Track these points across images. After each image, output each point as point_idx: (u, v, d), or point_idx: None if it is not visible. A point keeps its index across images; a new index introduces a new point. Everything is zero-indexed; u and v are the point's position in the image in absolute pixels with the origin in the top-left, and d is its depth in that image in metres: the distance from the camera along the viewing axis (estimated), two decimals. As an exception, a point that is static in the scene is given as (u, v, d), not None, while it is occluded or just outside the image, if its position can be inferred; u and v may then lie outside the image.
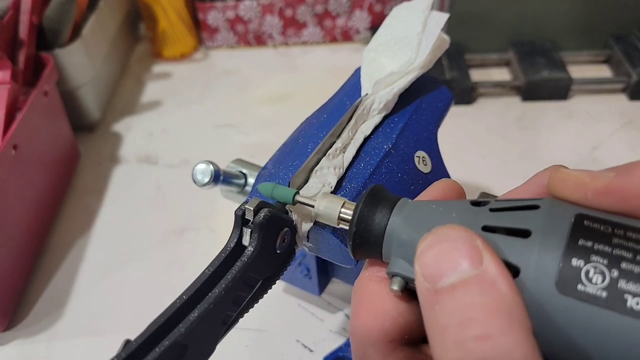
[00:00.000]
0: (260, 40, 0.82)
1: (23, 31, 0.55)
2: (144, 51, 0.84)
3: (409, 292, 0.21)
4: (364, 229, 0.22)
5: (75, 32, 0.63)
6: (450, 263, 0.17)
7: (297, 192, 0.25)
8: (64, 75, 0.62)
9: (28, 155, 0.50)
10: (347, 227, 0.23)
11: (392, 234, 0.21)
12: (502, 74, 0.73)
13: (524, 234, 0.18)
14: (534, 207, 0.19)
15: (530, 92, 0.67)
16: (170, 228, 0.55)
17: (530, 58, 0.69)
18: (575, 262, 0.17)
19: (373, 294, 0.22)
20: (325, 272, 0.42)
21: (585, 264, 0.17)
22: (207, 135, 0.68)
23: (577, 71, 0.70)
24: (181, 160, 0.64)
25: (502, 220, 0.19)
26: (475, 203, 0.20)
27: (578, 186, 0.19)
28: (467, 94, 0.68)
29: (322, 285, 0.43)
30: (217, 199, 0.39)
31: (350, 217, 0.23)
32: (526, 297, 0.17)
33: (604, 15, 0.70)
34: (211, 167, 0.33)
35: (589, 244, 0.17)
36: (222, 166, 0.36)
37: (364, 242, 0.22)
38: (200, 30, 0.83)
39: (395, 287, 0.21)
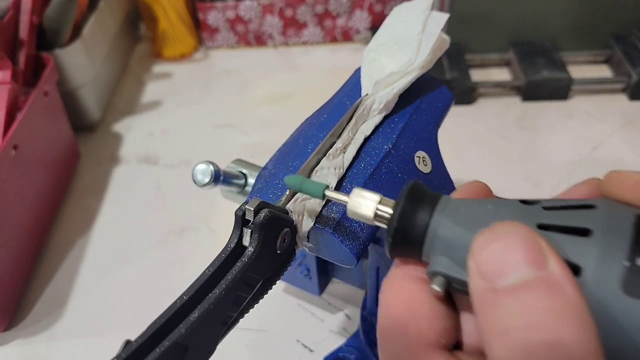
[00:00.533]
0: (260, 40, 0.82)
1: (23, 31, 0.55)
2: (144, 51, 0.84)
3: (447, 293, 0.20)
4: (406, 225, 0.21)
5: (76, 32, 0.63)
6: (511, 262, 0.16)
7: (327, 187, 0.24)
8: (64, 75, 0.62)
9: (28, 156, 0.50)
10: (383, 225, 0.22)
11: (436, 231, 0.20)
12: (502, 74, 0.73)
13: (584, 232, 0.18)
14: (591, 207, 0.18)
15: (531, 92, 0.67)
16: (171, 228, 0.55)
17: (530, 58, 0.69)
18: None
19: (409, 294, 0.21)
20: (325, 272, 0.42)
21: None
22: (207, 135, 0.68)
23: (577, 71, 0.70)
24: (181, 160, 0.64)
25: (558, 219, 0.18)
26: (524, 202, 0.20)
27: (637, 186, 0.18)
28: (468, 94, 0.68)
29: (322, 286, 0.43)
30: (217, 199, 0.39)
31: (387, 214, 0.21)
32: (588, 297, 0.16)
33: (604, 15, 0.70)
34: (211, 167, 0.33)
35: None
36: (222, 166, 0.36)
37: (406, 239, 0.21)
38: (200, 30, 0.83)
39: (437, 287, 0.20)
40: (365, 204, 0.22)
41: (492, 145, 0.62)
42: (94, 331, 0.47)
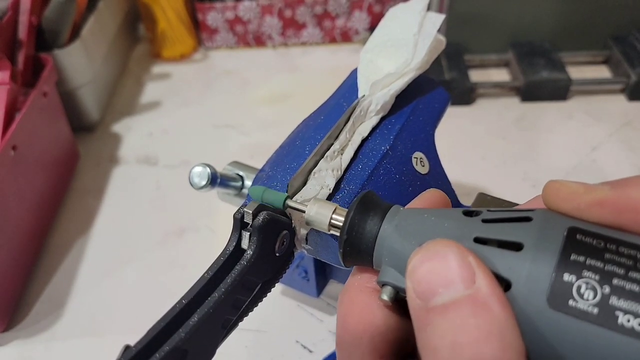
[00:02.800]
0: (259, 40, 0.82)
1: (22, 32, 0.55)
2: (144, 52, 0.84)
3: (398, 302, 0.21)
4: (354, 237, 0.21)
5: (75, 33, 0.63)
6: (442, 281, 0.17)
7: (288, 197, 0.25)
8: (64, 75, 0.62)
9: (27, 156, 0.50)
10: (338, 234, 0.22)
11: (383, 242, 0.21)
12: (501, 75, 0.73)
13: (516, 247, 0.18)
14: (527, 219, 0.19)
15: (530, 92, 0.67)
16: (170, 228, 0.55)
17: (529, 59, 0.69)
18: (567, 277, 0.17)
19: (363, 306, 0.21)
20: (323, 274, 0.42)
21: (577, 279, 0.17)
22: (206, 136, 0.68)
23: (576, 72, 0.70)
24: (181, 160, 0.64)
25: (494, 232, 0.19)
26: (467, 213, 0.20)
27: (572, 196, 0.18)
28: (467, 95, 0.68)
29: (320, 287, 0.43)
30: (216, 199, 0.39)
31: (340, 224, 0.22)
32: (517, 311, 0.17)
33: (602, 16, 0.70)
34: (208, 169, 0.33)
35: (581, 258, 0.17)
36: (220, 168, 0.36)
37: (355, 249, 0.22)
38: (199, 30, 0.83)
39: (385, 297, 0.20)
40: (321, 213, 0.23)
41: (491, 146, 0.62)
42: (94, 332, 0.47)
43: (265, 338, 0.45)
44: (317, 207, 0.23)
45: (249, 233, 0.23)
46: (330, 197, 0.28)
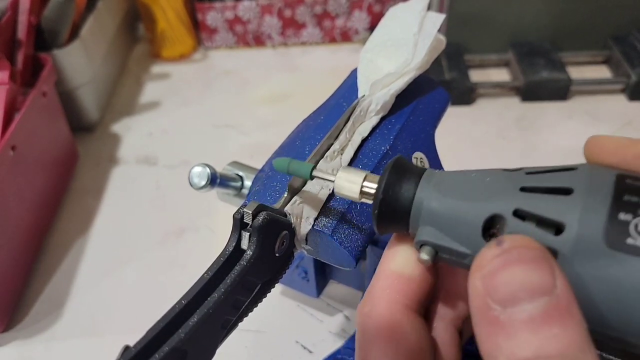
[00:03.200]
0: (259, 40, 0.82)
1: (21, 31, 0.55)
2: (143, 51, 0.84)
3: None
4: (391, 197, 0.20)
5: (74, 33, 0.63)
6: (528, 288, 0.16)
7: (315, 167, 0.24)
8: (63, 75, 0.62)
9: (27, 156, 0.50)
10: (369, 201, 0.22)
11: (421, 201, 0.20)
12: (501, 75, 0.73)
13: (566, 192, 0.18)
14: (572, 169, 0.19)
15: (530, 92, 0.67)
16: (170, 228, 0.55)
17: (529, 58, 0.69)
18: (622, 216, 0.17)
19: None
20: (322, 274, 0.42)
21: (634, 217, 0.16)
22: (206, 136, 0.68)
23: (577, 72, 0.70)
24: (180, 160, 0.64)
25: (540, 181, 0.18)
26: (507, 170, 0.20)
27: (618, 149, 0.19)
28: (467, 95, 0.68)
29: (320, 288, 0.43)
30: (216, 199, 0.38)
31: (373, 190, 0.21)
32: (571, 255, 0.17)
33: (603, 16, 0.70)
34: (207, 170, 0.32)
35: (635, 199, 0.17)
36: (220, 168, 0.36)
37: (391, 211, 0.21)
38: (199, 30, 0.83)
39: (426, 257, 0.20)
40: (351, 181, 0.22)
41: (492, 146, 0.62)
42: (93, 332, 0.47)
43: (265, 338, 0.45)
44: (346, 174, 0.22)
45: (248, 233, 0.23)
46: (329, 198, 0.28)
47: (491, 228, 0.19)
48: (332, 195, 0.28)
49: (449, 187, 0.20)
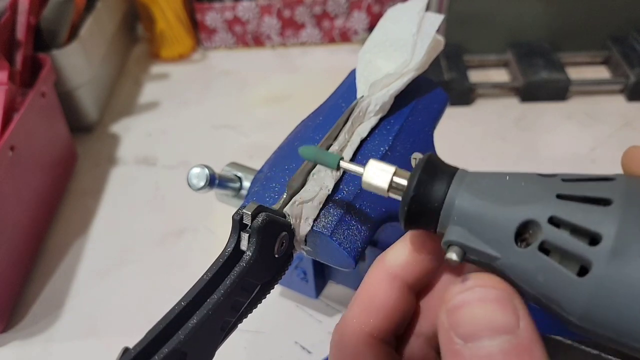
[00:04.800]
0: (258, 41, 0.82)
1: (20, 32, 0.55)
2: (142, 52, 0.84)
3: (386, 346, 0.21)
4: (422, 194, 0.20)
5: (73, 33, 0.63)
6: (489, 326, 0.16)
7: (342, 158, 0.24)
8: (62, 76, 0.61)
9: (25, 157, 0.50)
10: (397, 196, 0.22)
11: (453, 201, 0.20)
12: (500, 75, 0.73)
13: (604, 202, 0.18)
14: (610, 179, 0.18)
15: (529, 93, 0.67)
16: (169, 229, 0.55)
17: (528, 59, 0.69)
18: None
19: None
20: (321, 275, 0.42)
21: None
22: (205, 136, 0.67)
23: (576, 72, 0.70)
24: (180, 161, 0.64)
25: (578, 189, 0.18)
26: (542, 175, 0.20)
27: None
28: (466, 95, 0.68)
29: (319, 289, 0.43)
30: (215, 200, 0.38)
31: (402, 185, 0.21)
32: (605, 265, 0.17)
33: (602, 17, 0.70)
34: (206, 170, 0.32)
35: None
36: (219, 168, 0.36)
37: (421, 209, 0.20)
38: (198, 31, 0.83)
39: (455, 257, 0.19)
40: (381, 175, 0.22)
41: (491, 147, 0.62)
42: (92, 333, 0.47)
43: (264, 339, 0.45)
44: (376, 167, 0.22)
45: (248, 234, 0.23)
46: (329, 198, 0.28)
47: (523, 233, 0.19)
48: (331, 196, 0.28)
49: (482, 188, 0.20)
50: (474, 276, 0.18)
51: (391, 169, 0.22)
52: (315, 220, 0.27)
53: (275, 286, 0.26)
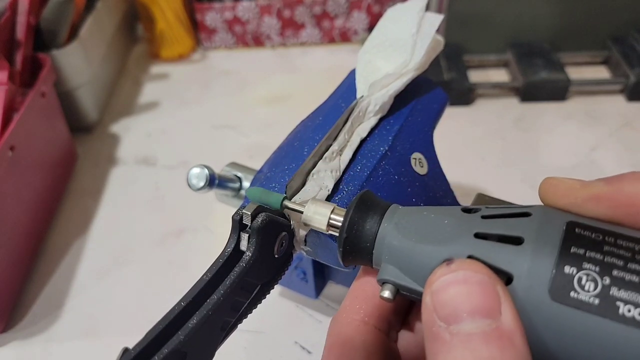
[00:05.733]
0: (258, 41, 0.82)
1: (20, 32, 0.55)
2: (142, 52, 0.84)
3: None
4: (354, 235, 0.21)
5: (73, 33, 0.63)
6: (468, 308, 0.17)
7: (285, 197, 0.25)
8: (62, 76, 0.61)
9: (25, 157, 0.50)
10: (336, 234, 0.23)
11: (383, 240, 0.21)
12: (500, 75, 0.73)
13: (517, 241, 0.18)
14: (526, 214, 0.19)
15: (529, 93, 0.67)
16: (169, 229, 0.55)
17: (528, 59, 0.69)
18: (567, 269, 0.17)
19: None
20: (321, 276, 0.42)
21: (578, 271, 0.17)
22: (205, 137, 0.67)
23: (576, 72, 0.70)
24: (179, 161, 0.64)
25: (494, 227, 0.19)
26: (466, 210, 0.20)
27: (569, 192, 0.19)
28: (466, 95, 0.68)
29: (319, 289, 0.43)
30: (215, 200, 0.38)
31: (340, 224, 0.22)
32: (519, 304, 0.17)
33: (602, 17, 0.70)
34: (206, 171, 0.32)
35: (581, 251, 0.17)
36: (219, 168, 0.36)
37: (355, 248, 0.22)
38: (198, 31, 0.83)
39: (387, 295, 0.20)
40: (320, 213, 0.23)
41: (490, 147, 0.62)
42: (91, 333, 0.47)
43: (264, 339, 0.45)
44: (314, 207, 0.23)
45: (247, 234, 0.23)
46: (329, 198, 0.28)
47: None
48: (330, 196, 0.28)
49: (409, 227, 0.21)
50: (458, 260, 0.18)
51: (329, 207, 0.23)
52: (315, 220, 0.27)
53: (275, 286, 0.26)
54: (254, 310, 0.25)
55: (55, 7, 0.59)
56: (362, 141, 0.31)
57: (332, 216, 0.23)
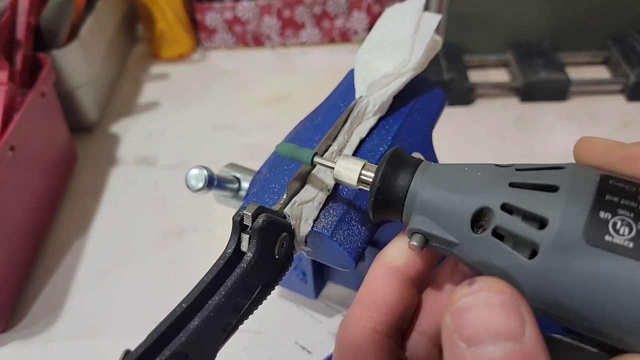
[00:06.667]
0: (258, 41, 0.82)
1: (20, 32, 0.54)
2: (142, 52, 0.84)
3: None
4: (387, 186, 0.22)
5: (73, 33, 0.63)
6: (492, 330, 0.16)
7: (316, 154, 0.25)
8: (62, 76, 0.61)
9: (25, 157, 0.50)
10: (366, 189, 0.23)
11: (416, 191, 0.21)
12: (500, 75, 0.73)
13: (552, 189, 0.19)
14: (559, 168, 0.20)
15: (529, 93, 0.67)
16: (169, 229, 0.55)
17: (528, 59, 0.69)
18: (602, 214, 0.17)
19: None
20: (321, 276, 0.42)
21: (613, 216, 0.17)
22: (205, 137, 0.67)
23: (576, 72, 0.70)
24: (179, 161, 0.64)
25: (529, 178, 0.19)
26: (499, 165, 0.21)
27: (605, 150, 0.19)
28: (466, 95, 0.68)
29: (318, 289, 0.43)
30: (215, 200, 0.38)
31: (371, 179, 0.23)
32: (552, 248, 0.18)
33: (602, 17, 0.70)
34: (205, 171, 0.32)
35: (616, 199, 0.18)
36: (219, 169, 0.36)
37: (386, 199, 0.22)
38: (198, 31, 0.83)
39: (415, 244, 0.21)
40: (350, 169, 0.23)
41: (491, 147, 0.62)
42: (91, 333, 0.47)
43: (265, 339, 0.45)
44: (345, 163, 0.23)
45: (248, 235, 0.23)
46: (329, 199, 0.28)
47: (480, 220, 0.20)
48: (331, 196, 0.28)
49: (442, 179, 0.21)
50: (480, 279, 0.18)
51: (360, 163, 0.23)
52: (315, 220, 0.27)
53: (275, 287, 0.26)
54: (255, 311, 0.25)
55: (55, 7, 0.59)
56: (362, 141, 0.31)
57: (363, 172, 0.23)
